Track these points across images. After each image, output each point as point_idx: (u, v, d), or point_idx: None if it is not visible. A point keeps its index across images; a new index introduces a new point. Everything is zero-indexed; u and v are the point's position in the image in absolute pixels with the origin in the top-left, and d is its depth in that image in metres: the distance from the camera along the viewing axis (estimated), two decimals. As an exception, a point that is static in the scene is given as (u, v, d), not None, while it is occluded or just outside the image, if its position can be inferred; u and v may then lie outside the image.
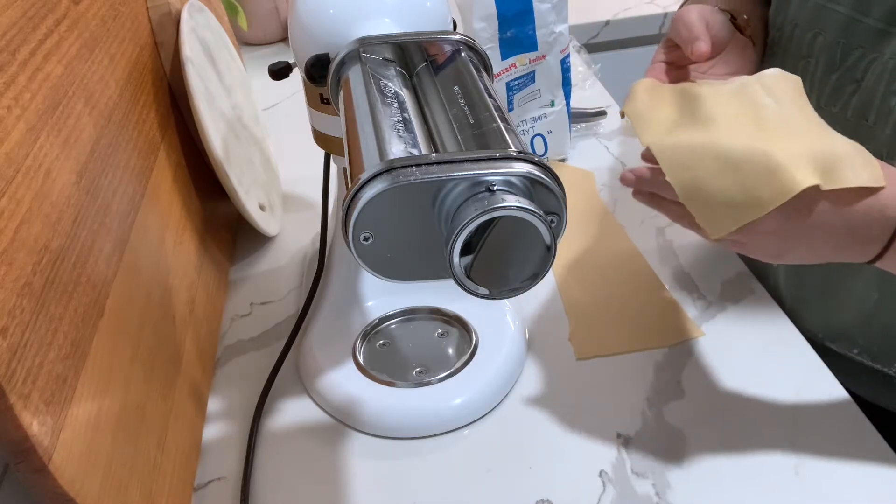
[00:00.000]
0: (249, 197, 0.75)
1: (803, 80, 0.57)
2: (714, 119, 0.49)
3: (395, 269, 0.37)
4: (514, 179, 0.35)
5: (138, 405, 0.49)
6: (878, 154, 0.51)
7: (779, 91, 0.51)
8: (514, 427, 0.60)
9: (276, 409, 0.62)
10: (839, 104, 0.58)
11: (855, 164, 0.46)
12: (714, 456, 0.56)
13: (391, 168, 0.35)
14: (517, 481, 0.56)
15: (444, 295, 0.67)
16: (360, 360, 0.63)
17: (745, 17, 0.64)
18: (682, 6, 0.64)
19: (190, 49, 0.70)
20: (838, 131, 0.52)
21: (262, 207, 0.79)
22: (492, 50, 0.83)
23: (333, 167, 0.64)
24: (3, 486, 0.42)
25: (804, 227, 0.47)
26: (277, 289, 0.76)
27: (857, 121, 0.57)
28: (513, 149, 0.36)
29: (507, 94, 0.87)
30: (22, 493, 0.38)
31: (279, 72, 0.58)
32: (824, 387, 0.60)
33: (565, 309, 0.71)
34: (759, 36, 0.66)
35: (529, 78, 0.88)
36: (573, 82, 0.93)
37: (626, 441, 0.58)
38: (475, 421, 0.60)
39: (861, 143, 0.51)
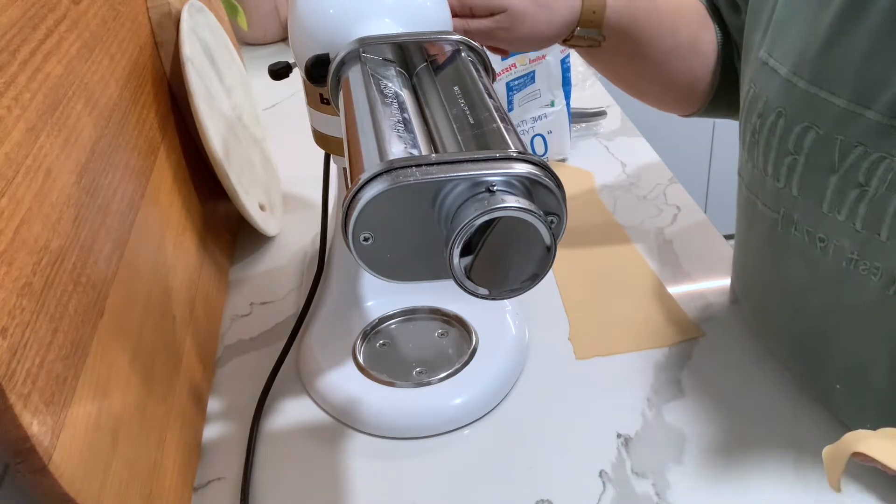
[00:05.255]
0: (249, 197, 0.75)
1: (790, 183, 0.52)
2: None
3: (395, 269, 0.37)
4: (514, 180, 0.35)
5: (138, 405, 0.49)
6: (891, 275, 0.47)
7: None
8: (514, 427, 0.60)
9: (276, 409, 0.62)
10: (844, 211, 0.49)
11: None
12: (714, 456, 0.56)
13: (391, 168, 0.34)
14: (517, 481, 0.56)
15: (444, 295, 0.67)
16: (360, 360, 0.63)
17: (593, 11, 0.61)
18: None
19: (190, 49, 0.70)
20: (846, 244, 0.49)
21: (262, 207, 0.79)
22: (492, 50, 0.83)
23: (333, 167, 0.64)
24: (3, 486, 0.42)
25: None
26: (277, 289, 0.76)
27: (868, 234, 0.48)
28: (513, 149, 0.36)
29: (507, 94, 0.87)
30: (22, 493, 0.38)
31: (279, 72, 0.58)
32: (824, 387, 0.60)
33: (565, 309, 0.71)
34: (612, 39, 0.64)
35: (529, 78, 0.88)
36: (573, 82, 0.93)
37: (626, 441, 0.58)
38: (475, 421, 0.60)
39: (873, 260, 0.48)
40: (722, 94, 0.67)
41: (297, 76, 0.56)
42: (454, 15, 0.60)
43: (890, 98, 0.45)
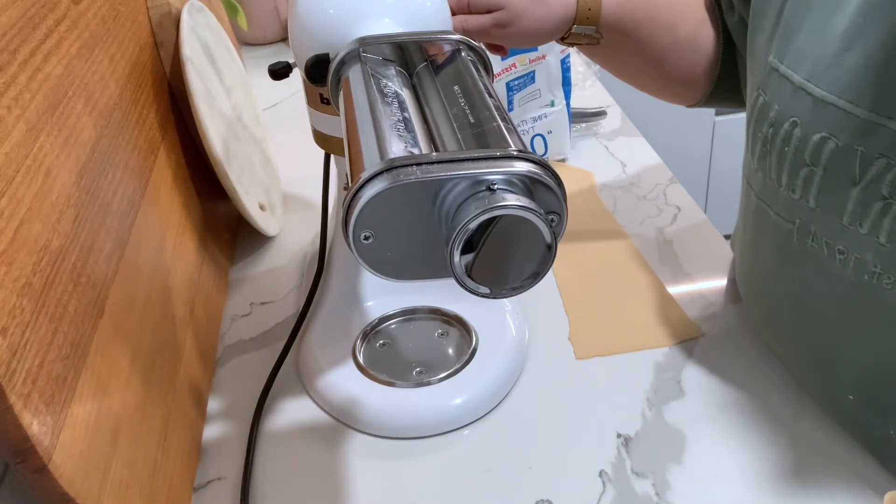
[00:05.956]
0: (249, 197, 0.75)
1: (807, 194, 0.50)
2: None
3: (396, 268, 0.37)
4: (514, 178, 0.35)
5: (138, 405, 0.49)
6: None
7: None
8: (514, 427, 0.60)
9: (276, 409, 0.62)
10: (867, 224, 0.47)
11: None
12: (714, 456, 0.56)
13: (391, 167, 0.34)
14: (517, 481, 0.55)
15: (444, 295, 0.67)
16: (360, 360, 0.63)
17: (588, 8, 0.62)
18: None
19: (190, 49, 0.70)
20: (868, 257, 0.48)
21: (262, 207, 0.79)
22: (492, 50, 0.83)
23: (333, 167, 0.64)
24: (3, 486, 0.42)
25: None
26: (277, 289, 0.76)
27: (892, 247, 0.46)
28: (513, 148, 0.36)
29: (507, 94, 0.87)
30: (22, 493, 0.38)
31: (279, 72, 0.58)
32: (824, 386, 0.60)
33: (565, 309, 0.71)
34: (610, 38, 0.64)
35: (529, 78, 0.88)
36: (573, 82, 0.93)
37: (626, 441, 0.58)
38: (475, 421, 0.60)
39: None
40: (722, 87, 0.67)
41: (297, 76, 0.56)
42: (452, 13, 0.60)
43: None
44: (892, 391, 0.51)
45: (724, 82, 0.67)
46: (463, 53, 0.47)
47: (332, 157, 0.62)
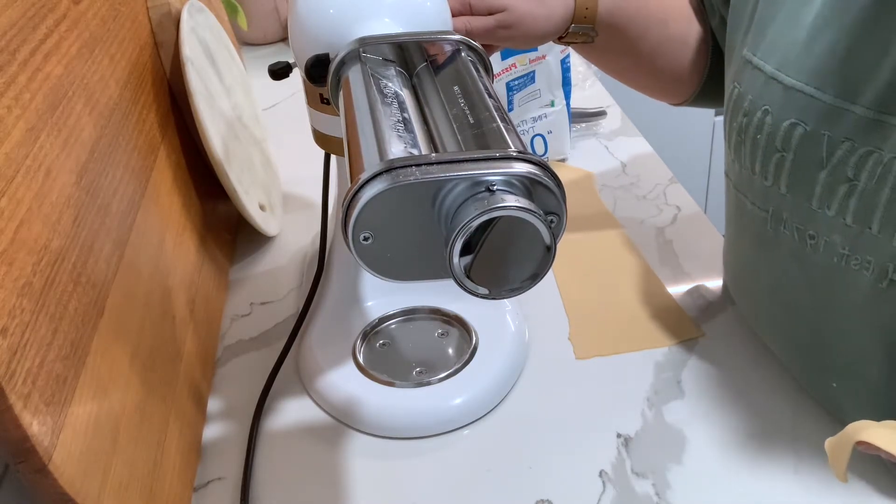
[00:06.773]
0: (249, 197, 0.75)
1: (778, 181, 0.52)
2: None
3: (395, 269, 0.37)
4: (513, 179, 0.35)
5: (138, 405, 0.49)
6: (883, 269, 0.47)
7: None
8: (514, 427, 0.60)
9: (276, 409, 0.62)
10: (834, 206, 0.49)
11: None
12: (714, 456, 0.56)
13: (391, 168, 0.34)
14: (517, 481, 0.56)
15: (444, 295, 0.67)
16: (360, 360, 0.63)
17: (586, 7, 0.63)
18: None
19: (190, 49, 0.70)
20: (837, 239, 0.49)
21: (262, 207, 0.79)
22: (492, 50, 0.83)
23: (333, 167, 0.64)
24: (3, 486, 0.42)
25: None
26: (277, 289, 0.76)
27: (859, 227, 0.48)
28: (513, 149, 0.36)
29: (507, 94, 0.87)
30: (22, 493, 0.38)
31: (279, 72, 0.58)
32: (824, 387, 0.60)
33: (565, 309, 0.71)
34: (604, 35, 0.65)
35: (529, 78, 0.88)
36: (573, 82, 0.93)
37: (626, 441, 0.58)
38: (475, 421, 0.60)
39: (865, 254, 0.48)
40: (710, 85, 0.69)
41: (297, 76, 0.56)
42: (454, 14, 0.60)
43: (875, 92, 0.46)
44: (868, 375, 0.52)
45: (711, 82, 0.68)
46: (463, 54, 0.47)
47: (333, 157, 0.62)
